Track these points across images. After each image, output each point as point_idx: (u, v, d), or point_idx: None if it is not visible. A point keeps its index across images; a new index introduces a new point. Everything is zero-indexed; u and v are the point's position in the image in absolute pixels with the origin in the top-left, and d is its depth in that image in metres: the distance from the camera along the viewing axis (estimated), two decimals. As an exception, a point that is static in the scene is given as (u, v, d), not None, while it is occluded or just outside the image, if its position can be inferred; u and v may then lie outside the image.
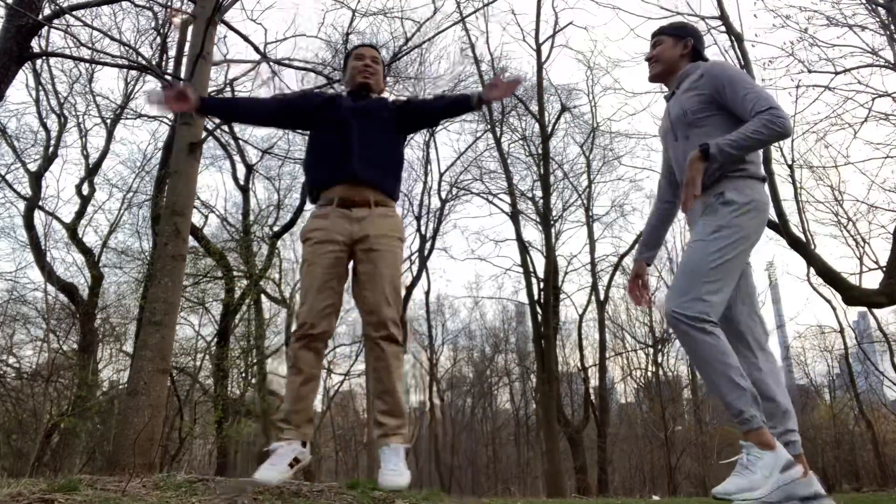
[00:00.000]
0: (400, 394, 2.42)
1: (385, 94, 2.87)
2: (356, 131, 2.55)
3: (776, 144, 8.18)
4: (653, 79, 2.49)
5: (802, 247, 7.42)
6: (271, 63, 8.64)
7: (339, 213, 2.48)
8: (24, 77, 11.72)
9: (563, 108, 16.99)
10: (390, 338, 2.40)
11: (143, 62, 7.83)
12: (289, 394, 2.41)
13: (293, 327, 2.46)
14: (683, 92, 2.33)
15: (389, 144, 2.63)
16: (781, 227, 7.47)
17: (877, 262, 10.55)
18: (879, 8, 7.70)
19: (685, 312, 2.04)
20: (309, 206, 2.68)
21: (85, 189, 12.50)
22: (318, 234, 2.49)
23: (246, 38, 7.72)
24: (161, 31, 10.85)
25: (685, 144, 2.30)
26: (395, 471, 2.21)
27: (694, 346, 2.04)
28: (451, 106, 2.71)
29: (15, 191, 11.82)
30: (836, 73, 8.04)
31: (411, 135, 3.04)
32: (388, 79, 3.06)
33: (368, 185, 2.50)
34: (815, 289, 15.27)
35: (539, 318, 14.90)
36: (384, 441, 2.31)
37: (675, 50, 2.43)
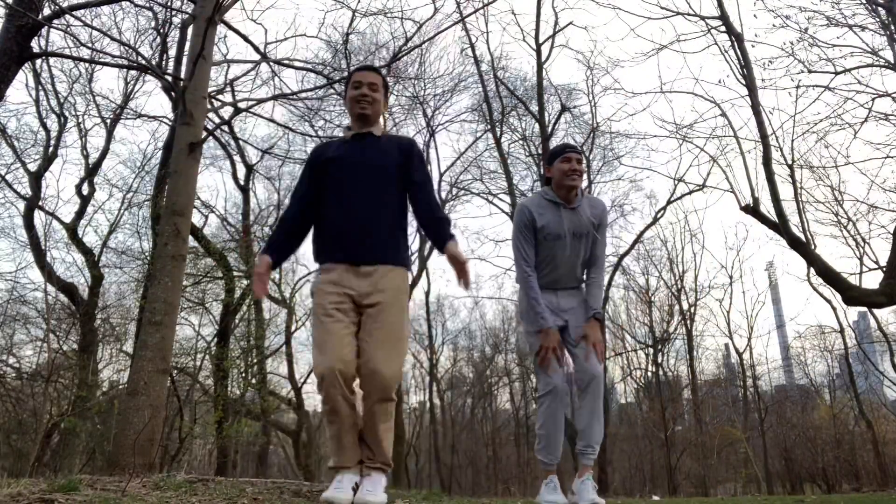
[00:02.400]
0: (386, 443, 2.51)
1: (386, 132, 2.81)
2: (359, 204, 2.55)
3: (776, 144, 8.18)
4: (570, 189, 3.01)
5: (802, 247, 7.41)
6: (271, 63, 8.64)
7: (346, 268, 2.53)
8: (24, 77, 11.75)
9: (563, 108, 16.98)
10: (387, 399, 2.44)
11: (143, 62, 7.83)
12: (335, 444, 2.48)
13: (316, 375, 2.44)
14: (586, 213, 3.05)
15: (392, 210, 2.60)
16: (781, 227, 7.46)
17: (877, 262, 10.55)
18: (879, 8, 7.69)
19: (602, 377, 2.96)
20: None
21: (85, 189, 12.51)
22: (327, 286, 2.52)
23: (246, 38, 7.72)
24: (161, 31, 10.85)
25: (575, 247, 3.03)
26: (370, 492, 2.39)
27: (601, 398, 2.97)
28: (427, 231, 2.64)
29: (15, 191, 11.83)
30: (836, 74, 8.03)
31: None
32: (388, 95, 2.98)
33: (375, 262, 2.55)
34: (815, 289, 15.30)
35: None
36: (367, 471, 2.49)
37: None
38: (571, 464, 13.57)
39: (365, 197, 2.56)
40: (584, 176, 3.18)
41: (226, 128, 11.58)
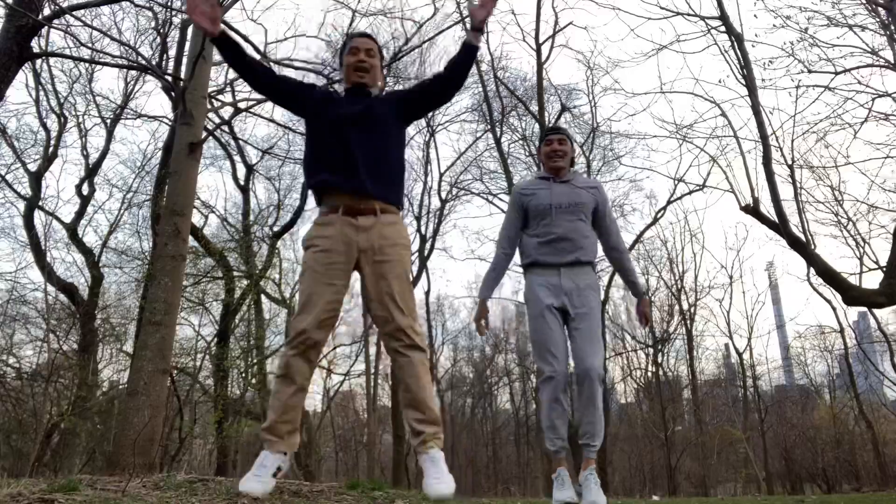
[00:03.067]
0: (432, 401, 2.37)
1: (380, 89, 2.79)
2: (357, 140, 2.49)
3: (776, 144, 8.18)
4: (556, 170, 3.13)
5: (802, 247, 7.41)
6: (271, 63, 8.64)
7: (343, 220, 2.43)
8: (24, 77, 11.73)
9: (563, 109, 16.99)
10: (411, 345, 2.35)
11: (143, 62, 7.83)
12: (276, 403, 2.34)
13: (289, 331, 2.39)
14: (578, 188, 3.11)
15: (391, 152, 2.56)
16: (781, 227, 7.46)
17: (877, 262, 10.53)
18: (879, 8, 7.69)
19: (601, 371, 2.91)
20: (310, 206, 2.66)
21: (85, 189, 12.51)
22: (322, 241, 2.43)
23: (246, 38, 7.72)
24: (161, 31, 10.85)
25: (568, 219, 3.05)
26: (438, 479, 2.20)
27: (600, 397, 2.94)
28: (455, 65, 2.59)
29: (15, 191, 11.83)
30: (836, 74, 8.03)
31: (418, 121, 2.99)
32: (385, 73, 2.95)
33: (374, 196, 2.46)
34: (815, 289, 15.29)
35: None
36: (423, 448, 2.29)
37: (573, 153, 3.24)
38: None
39: (364, 136, 2.50)
40: (570, 151, 3.19)
41: (226, 128, 11.58)
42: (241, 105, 9.34)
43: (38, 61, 11.35)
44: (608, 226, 3.14)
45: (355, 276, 2.52)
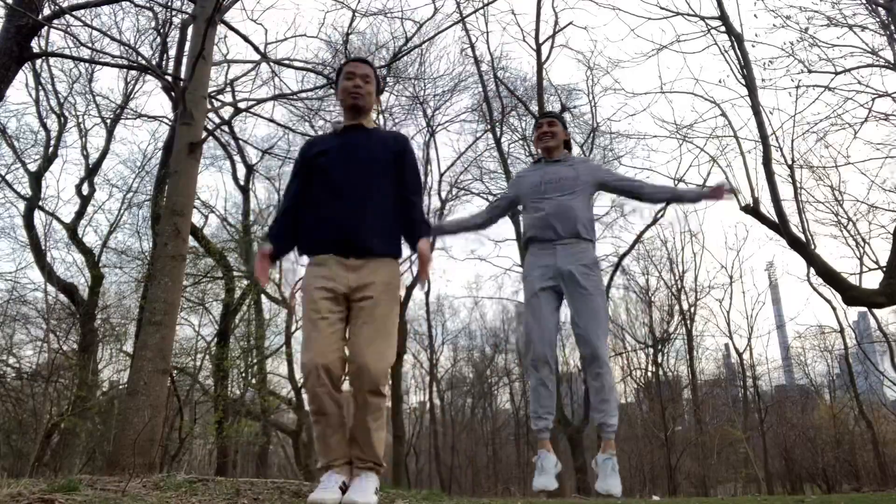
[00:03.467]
0: (377, 443, 2.45)
1: (377, 126, 2.80)
2: (350, 195, 2.51)
3: (776, 144, 8.19)
4: (547, 150, 3.21)
5: (802, 247, 7.41)
6: (271, 63, 8.64)
7: (335, 260, 2.48)
8: (24, 77, 11.74)
9: (563, 108, 16.97)
10: (371, 391, 2.38)
11: (143, 62, 7.83)
12: (322, 447, 2.44)
13: (302, 371, 2.43)
14: (571, 164, 3.17)
15: (385, 201, 2.56)
16: (781, 227, 7.46)
17: (877, 262, 10.54)
18: (879, 8, 7.69)
19: (606, 349, 2.88)
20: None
21: (85, 189, 12.51)
22: (316, 280, 2.47)
23: (246, 38, 7.72)
24: (161, 31, 10.85)
25: (559, 195, 3.06)
26: (360, 492, 2.33)
27: (610, 376, 2.85)
28: (405, 230, 2.63)
29: (15, 191, 11.82)
30: (836, 74, 8.03)
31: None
32: (387, 80, 2.97)
33: (373, 254, 2.50)
34: (815, 289, 15.28)
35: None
36: (357, 471, 2.44)
37: (565, 135, 3.30)
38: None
39: (356, 188, 2.52)
40: (562, 133, 3.25)
41: (226, 128, 11.58)
42: (241, 105, 9.34)
43: (38, 61, 11.35)
44: (620, 182, 3.17)
45: None
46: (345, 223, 2.49)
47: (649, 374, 21.39)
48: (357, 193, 2.52)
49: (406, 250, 2.66)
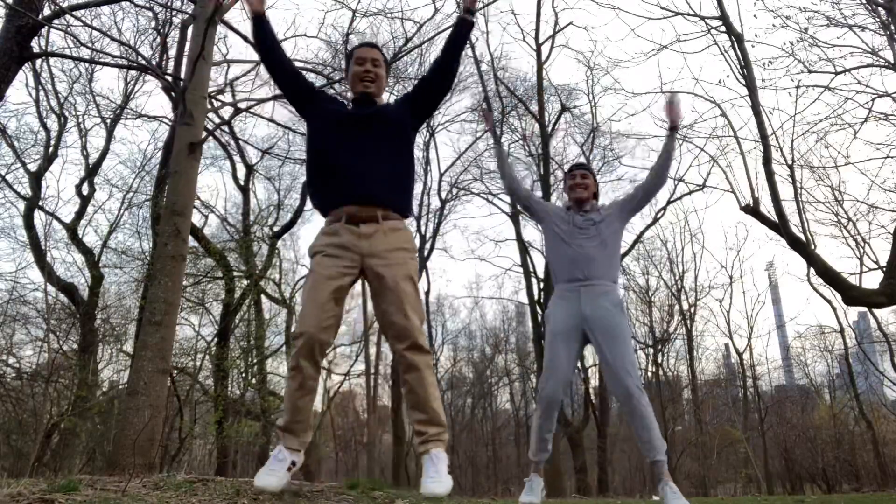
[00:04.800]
0: (436, 402, 2.42)
1: (386, 98, 2.82)
2: (363, 147, 2.51)
3: (776, 144, 8.18)
4: (578, 201, 3.36)
5: (802, 247, 7.41)
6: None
7: (347, 229, 2.46)
8: (24, 77, 11.73)
9: (563, 109, 17.00)
10: (415, 347, 2.38)
11: (143, 62, 7.83)
12: (289, 404, 2.43)
13: (294, 336, 2.43)
14: (599, 214, 3.33)
15: (399, 158, 2.57)
16: (781, 227, 7.46)
17: (877, 262, 10.53)
18: (879, 8, 7.69)
19: (639, 386, 2.97)
20: (309, 206, 2.68)
21: (85, 189, 12.50)
22: (327, 248, 2.47)
23: (246, 39, 7.71)
24: (161, 31, 10.85)
25: (587, 244, 3.23)
26: (434, 478, 2.27)
27: (648, 410, 2.94)
28: (448, 41, 2.63)
29: (15, 191, 11.82)
30: (836, 74, 8.03)
31: (431, 117, 3.03)
32: (389, 79, 2.99)
33: (378, 203, 2.48)
34: (815, 289, 15.28)
35: (539, 318, 14.90)
36: (424, 448, 2.39)
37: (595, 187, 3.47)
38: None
39: (370, 143, 2.52)
40: (593, 185, 3.43)
41: (226, 128, 11.58)
42: (241, 105, 9.34)
43: (38, 61, 11.35)
44: (640, 196, 3.39)
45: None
46: (359, 171, 2.48)
47: (649, 374, 21.39)
48: (372, 147, 2.52)
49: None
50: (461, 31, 2.63)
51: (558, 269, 3.26)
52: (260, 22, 2.63)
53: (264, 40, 2.65)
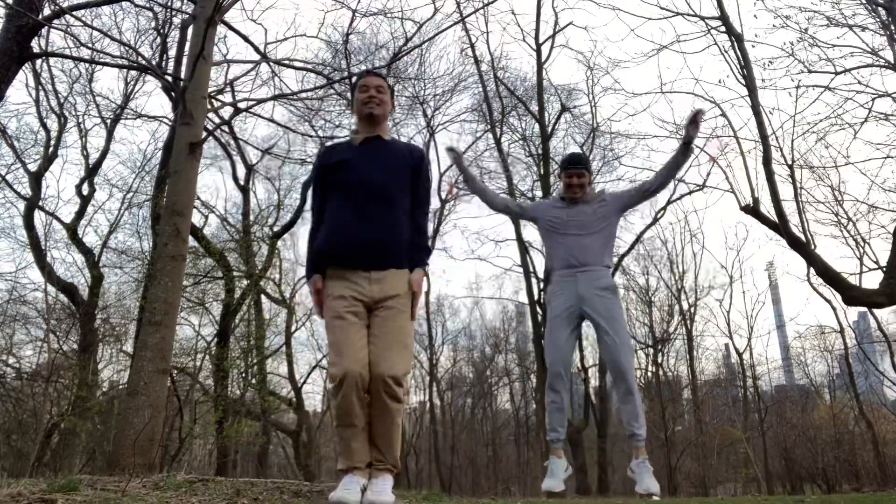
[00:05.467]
0: (394, 443, 2.53)
1: (393, 137, 2.84)
2: (372, 208, 2.56)
3: (776, 144, 8.18)
4: (573, 200, 3.47)
5: (802, 247, 7.41)
6: (271, 63, 8.65)
7: (357, 275, 2.54)
8: (24, 77, 11.73)
9: (563, 109, 16.98)
10: (391, 395, 2.45)
11: (143, 62, 7.83)
12: (345, 449, 2.48)
13: (335, 379, 2.44)
14: (594, 206, 3.45)
15: (404, 213, 2.63)
16: (781, 227, 7.46)
17: (877, 262, 10.53)
18: (879, 8, 7.69)
19: (632, 366, 3.19)
20: (309, 207, 2.68)
21: (85, 189, 12.50)
22: (342, 290, 2.53)
23: (246, 38, 7.73)
24: (161, 31, 10.85)
25: (582, 233, 3.39)
26: (380, 492, 2.43)
27: (637, 395, 3.20)
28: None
29: (15, 191, 11.82)
30: (836, 74, 8.03)
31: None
32: (394, 99, 2.98)
33: (386, 263, 2.56)
34: (815, 289, 15.27)
35: (539, 318, 14.89)
36: (374, 472, 2.51)
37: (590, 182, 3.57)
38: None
39: (377, 201, 2.58)
40: (587, 181, 3.50)
41: (226, 128, 11.58)
42: (241, 105, 9.33)
43: (38, 61, 11.35)
44: (636, 196, 3.53)
45: None
46: (368, 238, 2.54)
47: (649, 374, 21.40)
48: (378, 207, 2.58)
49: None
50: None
51: (555, 258, 3.42)
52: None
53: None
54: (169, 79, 8.01)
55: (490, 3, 11.76)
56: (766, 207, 7.77)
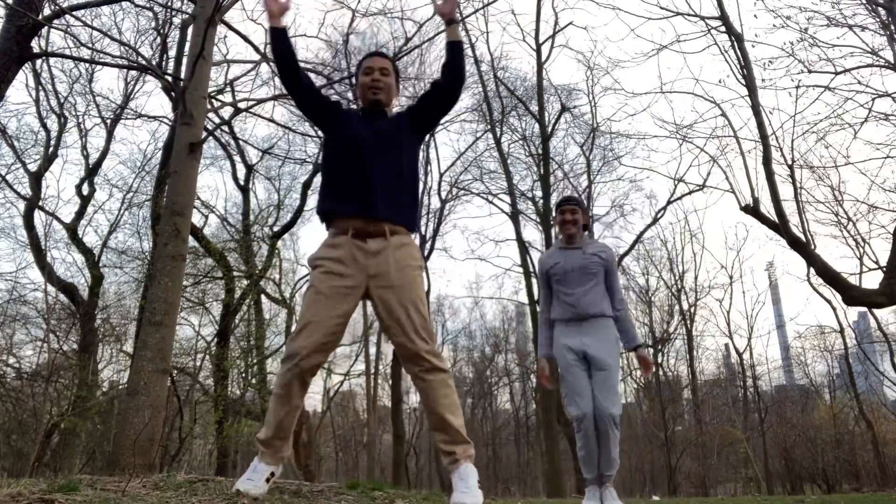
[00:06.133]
0: (456, 420, 2.38)
1: (396, 109, 2.80)
2: (371, 161, 2.47)
3: (776, 144, 8.19)
4: (569, 237, 3.58)
5: (802, 247, 7.41)
6: (271, 63, 8.63)
7: (353, 243, 2.40)
8: (24, 77, 11.74)
9: (563, 109, 16.98)
10: (431, 369, 2.34)
11: (143, 62, 7.83)
12: (272, 420, 2.37)
13: (287, 354, 2.36)
14: (590, 251, 3.56)
15: (405, 173, 2.54)
16: (781, 227, 7.46)
17: (877, 262, 10.52)
18: (879, 8, 7.69)
19: (617, 415, 3.35)
20: (310, 206, 2.63)
21: (85, 189, 12.51)
22: (330, 263, 2.40)
23: (246, 39, 7.72)
24: (161, 31, 10.85)
25: (586, 280, 3.52)
26: (464, 492, 2.27)
27: (614, 435, 3.35)
28: (445, 66, 2.57)
29: (15, 191, 11.82)
30: (836, 74, 8.03)
31: (430, 133, 2.99)
32: (399, 82, 2.92)
33: (385, 219, 2.43)
34: (815, 289, 15.28)
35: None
36: (454, 467, 2.36)
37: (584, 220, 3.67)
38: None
39: (380, 157, 2.49)
40: (581, 218, 3.62)
41: (226, 128, 11.58)
42: (242, 105, 9.34)
43: (38, 61, 11.35)
44: (613, 284, 3.66)
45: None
46: (368, 185, 2.43)
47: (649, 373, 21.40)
48: (382, 160, 2.48)
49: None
50: (454, 56, 2.56)
51: (561, 310, 3.54)
52: (280, 36, 2.55)
53: (285, 58, 2.57)
54: (169, 79, 8.01)
55: (490, 3, 11.77)
56: (766, 207, 7.77)
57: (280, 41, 2.56)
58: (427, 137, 17.77)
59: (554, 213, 3.71)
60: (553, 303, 3.61)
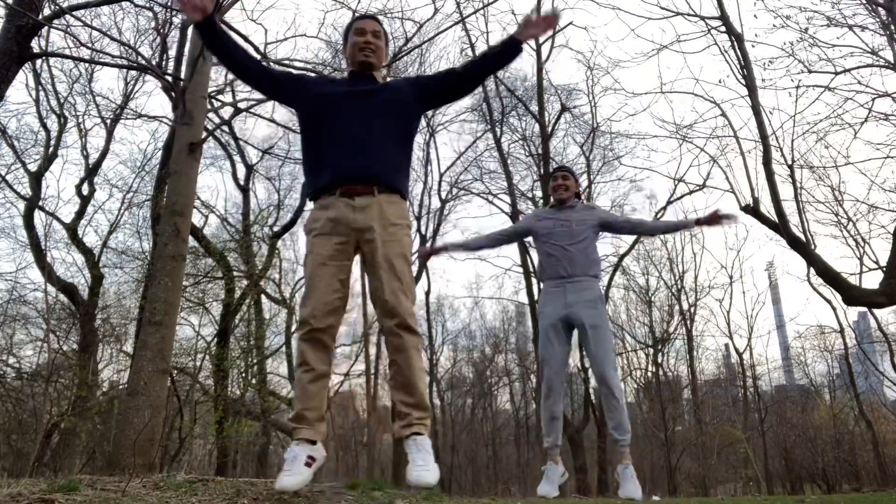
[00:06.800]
0: (422, 385, 2.35)
1: (391, 77, 2.78)
2: (361, 119, 2.41)
3: (776, 144, 8.19)
4: (561, 201, 3.68)
5: (802, 247, 7.41)
6: (271, 63, 8.63)
7: (341, 202, 2.38)
8: (24, 77, 11.73)
9: (563, 109, 16.98)
10: (405, 327, 2.31)
11: (143, 62, 7.82)
12: (299, 392, 2.34)
13: (298, 320, 2.37)
14: (581, 210, 3.64)
15: (398, 138, 2.48)
16: (781, 227, 7.46)
17: (877, 262, 10.53)
18: (879, 8, 7.69)
19: (615, 371, 3.35)
20: (310, 207, 2.58)
21: (85, 189, 12.50)
22: (322, 224, 2.39)
23: (246, 38, 7.72)
24: (161, 31, 10.83)
25: (571, 239, 3.54)
26: (422, 466, 2.20)
27: (622, 403, 3.30)
28: (489, 61, 2.53)
29: (15, 191, 11.81)
30: (836, 74, 8.03)
31: (434, 109, 2.97)
32: (388, 46, 2.87)
33: (373, 176, 2.39)
34: (815, 289, 15.28)
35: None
36: (408, 431, 2.30)
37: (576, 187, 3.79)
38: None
39: (364, 116, 2.42)
40: (574, 185, 3.70)
41: (226, 128, 11.58)
42: (242, 105, 9.34)
43: (38, 61, 11.34)
44: (623, 223, 3.73)
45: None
46: (352, 149, 2.39)
47: (649, 374, 21.41)
48: (367, 125, 2.43)
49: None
50: (507, 55, 2.53)
51: (544, 267, 3.58)
52: (205, 31, 2.44)
53: (216, 46, 2.46)
54: (169, 79, 8.00)
55: (490, 3, 11.77)
56: (766, 207, 7.77)
57: (206, 35, 2.46)
58: (427, 137, 17.79)
59: (549, 182, 3.82)
60: (539, 259, 3.69)
